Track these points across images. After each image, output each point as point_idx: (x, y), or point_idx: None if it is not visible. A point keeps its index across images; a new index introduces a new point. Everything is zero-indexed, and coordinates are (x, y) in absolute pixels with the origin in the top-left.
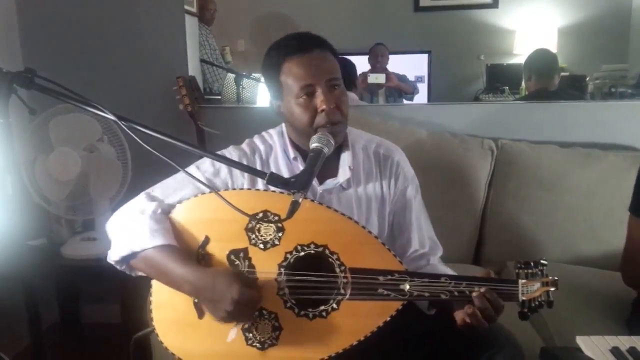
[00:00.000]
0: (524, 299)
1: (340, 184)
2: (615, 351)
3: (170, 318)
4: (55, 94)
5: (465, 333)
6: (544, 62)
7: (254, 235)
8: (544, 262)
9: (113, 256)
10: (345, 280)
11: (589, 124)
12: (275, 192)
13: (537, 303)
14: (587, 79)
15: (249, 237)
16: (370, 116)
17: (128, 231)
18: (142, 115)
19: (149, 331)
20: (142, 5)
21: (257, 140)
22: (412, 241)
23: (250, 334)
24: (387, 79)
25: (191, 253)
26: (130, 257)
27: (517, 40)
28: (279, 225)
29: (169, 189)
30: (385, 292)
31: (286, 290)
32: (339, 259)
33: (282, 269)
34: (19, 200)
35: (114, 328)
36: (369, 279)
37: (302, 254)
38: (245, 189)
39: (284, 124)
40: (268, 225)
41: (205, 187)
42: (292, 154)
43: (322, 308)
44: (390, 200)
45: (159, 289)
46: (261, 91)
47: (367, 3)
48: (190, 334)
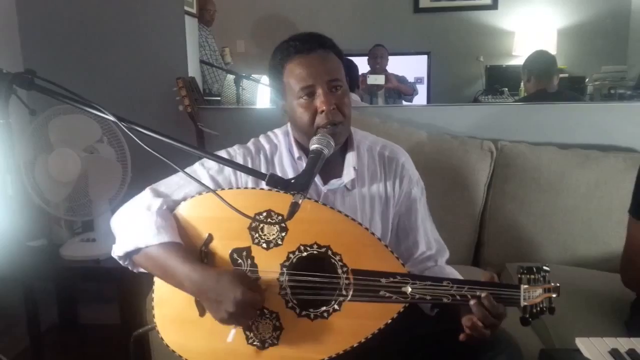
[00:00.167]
0: (525, 304)
1: (345, 185)
2: (614, 353)
3: (172, 315)
4: (55, 94)
5: (469, 344)
6: (542, 64)
7: (257, 235)
8: (547, 269)
9: (117, 251)
10: (347, 282)
11: (588, 125)
12: (280, 192)
13: (539, 309)
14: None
15: (252, 236)
16: (370, 117)
17: (133, 227)
18: (142, 116)
19: (150, 328)
20: (142, 6)
21: (263, 139)
22: (419, 243)
23: (251, 333)
24: (387, 80)
25: (194, 250)
26: (134, 253)
27: (517, 42)
28: (282, 225)
29: (174, 185)
30: (387, 295)
31: (288, 290)
32: (341, 260)
33: (285, 269)
34: (19, 201)
35: (113, 329)
36: (371, 280)
37: (305, 254)
38: (249, 188)
39: (289, 123)
40: (271, 225)
41: (206, 186)
42: (297, 153)
43: (324, 309)
44: (395, 202)
45: (161, 286)
46: (261, 92)
47: (367, 4)
48: (191, 331)
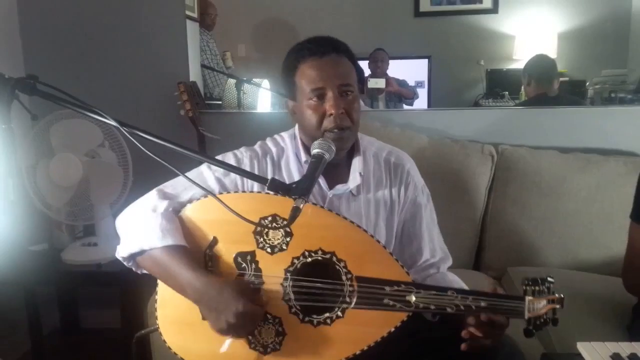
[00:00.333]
0: (529, 316)
1: (350, 191)
2: (616, 357)
3: (174, 317)
4: (57, 99)
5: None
6: (542, 68)
7: (261, 239)
8: (551, 280)
9: (122, 252)
10: (351, 289)
11: (588, 129)
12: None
13: (543, 320)
14: (587, 84)
15: (257, 241)
16: (370, 121)
17: (139, 229)
18: (143, 121)
19: (152, 329)
20: (143, 11)
21: (270, 142)
22: (423, 251)
23: (254, 338)
24: (387, 83)
25: (199, 253)
26: (138, 255)
27: (517, 46)
28: (287, 230)
29: (180, 187)
30: (391, 303)
31: (292, 296)
32: (346, 267)
33: (289, 274)
34: (21, 206)
35: (114, 333)
36: (375, 288)
37: (310, 259)
38: (256, 192)
39: (297, 126)
40: (276, 230)
41: (209, 188)
42: (304, 157)
43: (327, 315)
44: (399, 209)
45: (164, 287)
46: (262, 96)
47: (368, 8)
48: (193, 333)
